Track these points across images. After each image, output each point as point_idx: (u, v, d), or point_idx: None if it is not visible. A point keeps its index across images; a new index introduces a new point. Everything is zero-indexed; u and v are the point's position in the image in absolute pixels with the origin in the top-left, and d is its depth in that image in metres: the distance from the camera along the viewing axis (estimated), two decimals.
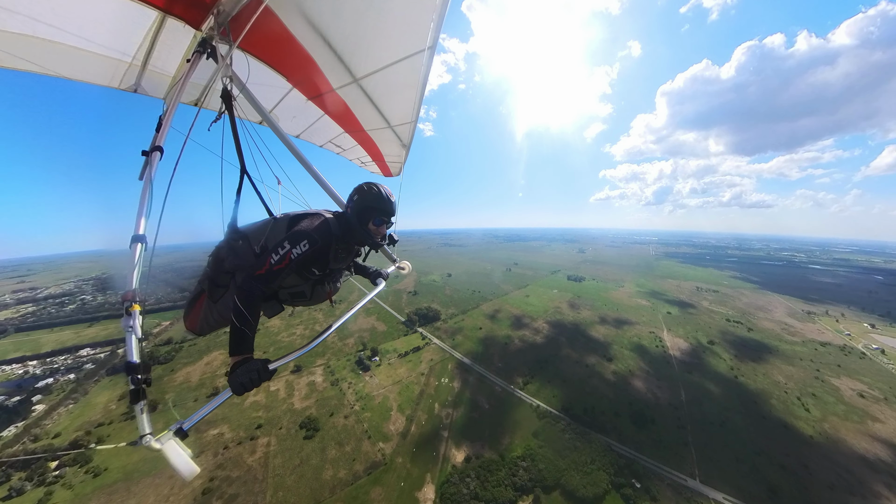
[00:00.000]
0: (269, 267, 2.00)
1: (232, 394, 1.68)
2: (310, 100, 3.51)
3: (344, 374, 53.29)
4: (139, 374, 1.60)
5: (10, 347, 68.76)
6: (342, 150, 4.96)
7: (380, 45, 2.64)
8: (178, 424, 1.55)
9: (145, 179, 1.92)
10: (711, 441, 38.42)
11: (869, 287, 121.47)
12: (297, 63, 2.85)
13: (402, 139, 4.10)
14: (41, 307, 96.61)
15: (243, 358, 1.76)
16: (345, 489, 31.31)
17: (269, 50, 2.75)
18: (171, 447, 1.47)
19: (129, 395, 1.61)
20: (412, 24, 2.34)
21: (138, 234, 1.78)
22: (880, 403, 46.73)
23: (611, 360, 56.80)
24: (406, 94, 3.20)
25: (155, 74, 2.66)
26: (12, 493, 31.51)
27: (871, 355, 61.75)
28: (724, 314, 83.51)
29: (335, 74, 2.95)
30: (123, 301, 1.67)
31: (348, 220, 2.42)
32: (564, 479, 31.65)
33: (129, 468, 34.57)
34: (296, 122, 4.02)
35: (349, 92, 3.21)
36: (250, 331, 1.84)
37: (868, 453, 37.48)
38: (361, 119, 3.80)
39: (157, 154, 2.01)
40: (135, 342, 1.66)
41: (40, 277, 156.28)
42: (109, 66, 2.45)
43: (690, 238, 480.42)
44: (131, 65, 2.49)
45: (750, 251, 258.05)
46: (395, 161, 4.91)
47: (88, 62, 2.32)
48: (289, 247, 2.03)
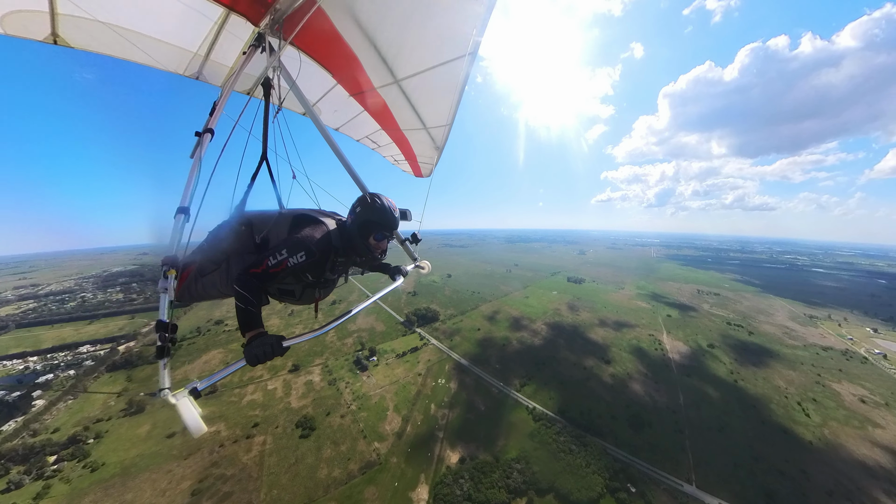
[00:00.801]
0: (266, 268, 2.06)
1: (245, 364, 1.76)
2: (352, 96, 3.70)
3: (342, 374, 53.31)
4: (167, 332, 1.76)
5: (12, 343, 69.27)
6: (377, 147, 5.10)
7: (422, 49, 2.78)
8: (193, 384, 1.64)
9: (195, 157, 2.12)
10: (709, 446, 38.10)
11: (872, 291, 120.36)
12: (342, 61, 3.04)
13: (436, 141, 4.18)
14: (42, 304, 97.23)
15: (257, 332, 1.85)
16: (339, 488, 31.29)
17: (318, 47, 2.95)
18: (184, 404, 1.57)
19: (156, 350, 1.76)
20: (454, 30, 2.48)
21: (183, 206, 1.98)
22: (881, 409, 46.24)
23: (609, 363, 56.51)
24: (444, 98, 3.32)
25: (215, 64, 2.94)
26: (11, 486, 31.83)
27: (873, 360, 61.15)
28: (724, 317, 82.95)
29: (377, 74, 3.11)
30: (162, 265, 1.87)
31: (349, 232, 2.38)
32: (559, 482, 31.41)
33: (127, 463, 34.83)
34: (336, 116, 4.20)
35: (389, 91, 3.36)
36: (255, 309, 1.94)
37: (868, 459, 37.08)
38: (398, 118, 3.91)
39: (209, 135, 2.22)
40: (167, 303, 1.82)
41: (42, 274, 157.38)
42: (178, 55, 2.74)
43: (692, 240, 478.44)
44: (196, 55, 2.78)
45: (752, 254, 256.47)
46: (426, 162, 4.96)
47: (161, 50, 2.62)
48: (286, 255, 2.08)
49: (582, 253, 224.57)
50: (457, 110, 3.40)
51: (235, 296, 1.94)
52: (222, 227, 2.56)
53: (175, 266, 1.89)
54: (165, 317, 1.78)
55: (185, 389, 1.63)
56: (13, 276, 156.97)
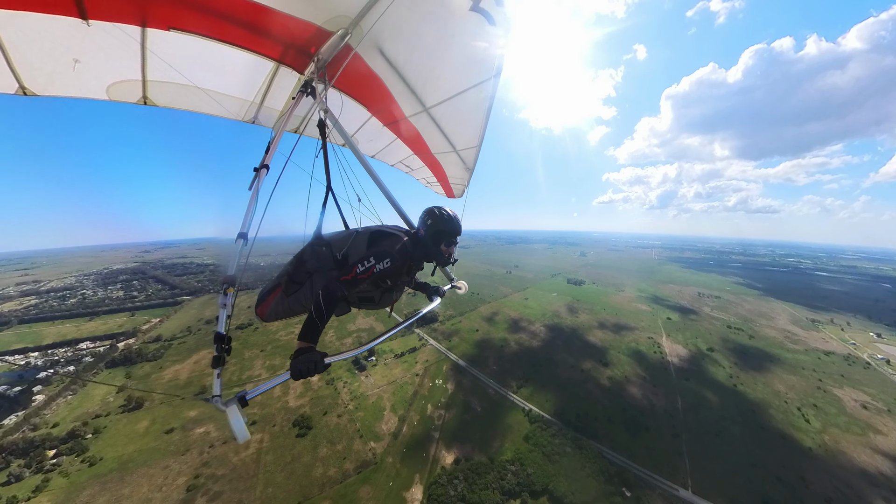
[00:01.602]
0: (355, 275, 2.32)
1: (290, 377, 1.89)
2: (385, 126, 4.04)
3: (340, 374, 53.39)
4: (224, 344, 1.91)
5: (13, 339, 69.91)
6: (411, 170, 5.47)
7: (448, 77, 3.04)
8: (241, 393, 1.74)
9: (253, 190, 2.40)
10: (706, 451, 37.80)
11: (876, 295, 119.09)
12: (376, 96, 3.40)
13: (467, 162, 4.43)
14: (43, 300, 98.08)
15: (308, 346, 2.00)
16: (334, 487, 31.41)
17: (355, 86, 3.30)
18: (233, 411, 1.69)
19: (212, 360, 1.89)
20: (476, 56, 2.67)
21: (243, 231, 2.27)
22: (883, 415, 45.72)
23: (607, 366, 56.24)
24: (471, 121, 3.59)
25: (267, 110, 3.44)
26: (11, 479, 32.32)
27: (876, 365, 60.50)
28: (725, 321, 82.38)
29: (408, 104, 3.44)
30: (223, 283, 2.08)
31: (422, 241, 2.71)
32: (553, 485, 31.28)
33: (125, 458, 35.17)
34: (372, 144, 4.58)
35: (420, 119, 3.67)
36: (322, 324, 2.11)
37: (868, 466, 36.65)
38: (430, 143, 4.20)
39: (265, 170, 2.53)
40: (225, 318, 2.00)
41: (43, 271, 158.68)
42: (238, 105, 3.27)
43: (694, 243, 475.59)
44: (252, 103, 3.28)
45: (755, 257, 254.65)
46: (458, 183, 5.25)
47: (226, 102, 3.16)
48: (374, 261, 2.36)
49: (583, 255, 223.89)
50: (485, 131, 3.60)
51: (314, 305, 2.13)
52: (304, 251, 2.87)
53: (233, 284, 2.09)
54: (223, 329, 1.95)
55: (234, 397, 1.72)
56: (15, 272, 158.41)
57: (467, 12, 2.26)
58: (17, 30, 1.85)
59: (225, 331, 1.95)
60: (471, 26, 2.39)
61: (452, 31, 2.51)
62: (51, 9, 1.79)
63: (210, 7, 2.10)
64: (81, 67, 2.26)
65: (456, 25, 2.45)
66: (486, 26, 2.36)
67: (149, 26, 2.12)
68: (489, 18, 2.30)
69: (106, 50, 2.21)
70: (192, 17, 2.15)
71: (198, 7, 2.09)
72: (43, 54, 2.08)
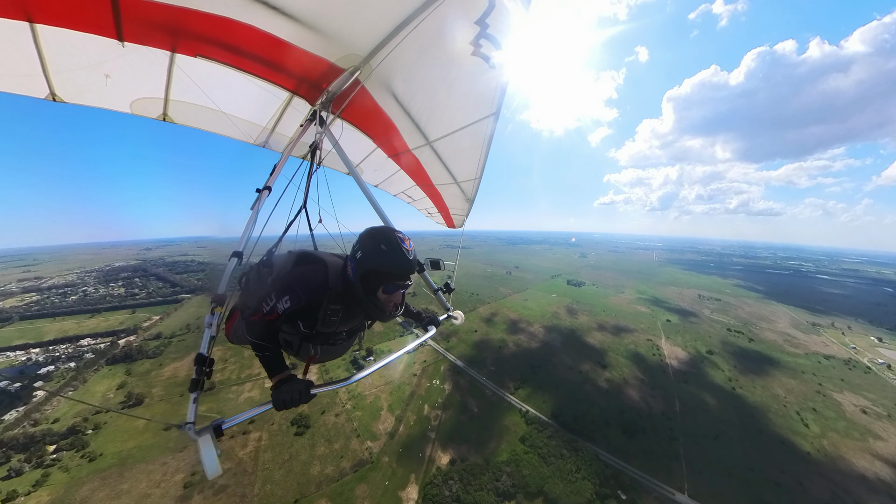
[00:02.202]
0: (262, 316, 1.83)
1: (272, 407, 1.70)
2: (389, 157, 4.19)
3: (338, 373, 53.48)
4: (205, 366, 1.77)
5: (15, 335, 70.32)
6: (412, 201, 5.63)
7: (451, 114, 3.19)
8: (218, 422, 1.58)
9: (254, 210, 2.46)
10: (703, 454, 37.67)
11: (878, 299, 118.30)
12: (382, 128, 3.55)
13: (467, 194, 4.56)
14: (45, 296, 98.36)
15: (285, 376, 1.75)
16: (331, 485, 31.62)
17: (362, 118, 3.47)
18: (205, 441, 1.53)
19: (190, 383, 1.75)
20: (478, 94, 2.83)
21: (238, 250, 2.25)
22: (883, 420, 45.45)
23: (605, 368, 56.11)
24: (472, 154, 3.70)
25: (278, 135, 3.64)
26: (11, 473, 32.69)
27: (876, 370, 60.13)
28: (725, 323, 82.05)
29: (412, 138, 3.58)
30: (212, 302, 2.00)
31: (352, 286, 1.88)
32: (548, 487, 31.26)
33: (124, 454, 35.45)
34: (376, 174, 4.79)
35: (422, 152, 3.80)
36: (273, 353, 1.86)
37: (867, 472, 36.43)
38: (431, 175, 4.32)
39: (267, 192, 2.63)
40: (209, 339, 1.90)
41: (45, 267, 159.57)
42: (251, 129, 3.46)
43: (695, 245, 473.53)
44: (265, 128, 3.48)
45: (756, 259, 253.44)
46: (458, 214, 5.36)
47: (241, 126, 3.36)
48: (275, 300, 1.82)
49: (583, 256, 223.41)
50: (485, 164, 3.75)
51: (251, 345, 1.86)
52: (250, 269, 2.61)
53: (221, 304, 2.00)
54: (206, 351, 1.82)
55: (209, 426, 1.56)
56: (17, 268, 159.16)
57: (469, 56, 2.39)
58: (58, 43, 1.96)
59: (208, 352, 1.81)
60: (472, 68, 2.53)
61: (455, 72, 2.66)
62: (92, 29, 1.91)
63: (236, 40, 2.23)
64: (111, 82, 2.40)
65: (458, 68, 2.60)
66: (485, 69, 2.49)
67: (178, 52, 2.27)
68: (489, 62, 2.43)
69: (135, 69, 2.36)
70: (219, 48, 2.29)
71: (225, 40, 2.22)
72: (78, 67, 2.21)
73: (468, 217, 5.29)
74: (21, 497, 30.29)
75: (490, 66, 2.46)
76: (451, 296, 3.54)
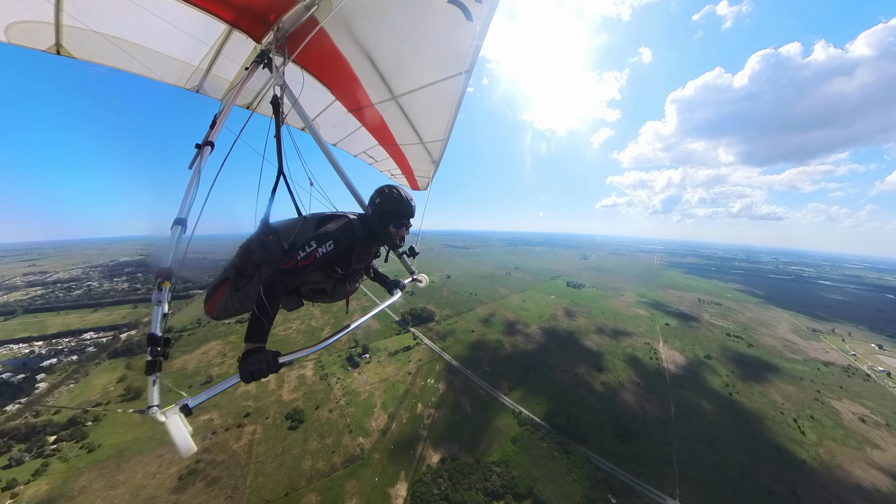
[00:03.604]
0: (295, 263, 2.08)
1: (239, 380, 1.71)
2: (350, 112, 3.75)
3: (334, 370, 53.88)
4: (159, 346, 1.71)
5: (18, 328, 71.35)
6: (374, 161, 5.17)
7: (419, 67, 2.83)
8: (184, 401, 1.58)
9: (194, 169, 2.11)
10: (697, 460, 37.42)
11: (879, 306, 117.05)
12: (341, 78, 3.11)
13: (433, 156, 4.24)
14: (49, 291, 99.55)
15: (256, 346, 1.79)
16: (321, 480, 31.83)
17: (319, 64, 3.00)
18: (174, 422, 1.52)
19: (145, 366, 1.70)
20: (451, 48, 2.53)
21: (180, 217, 1.96)
22: (881, 429, 44.94)
23: (601, 371, 55.92)
24: (440, 114, 3.38)
25: (216, 78, 3.00)
26: (12, 462, 33.25)
27: (876, 377, 59.49)
28: (724, 328, 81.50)
29: (375, 90, 3.17)
30: (156, 277, 1.83)
31: (370, 221, 2.54)
32: (537, 489, 31.21)
33: (122, 446, 35.95)
34: (335, 132, 4.29)
35: (387, 108, 3.43)
36: (268, 321, 1.89)
37: (864, 481, 36.03)
38: (396, 134, 3.97)
39: (209, 148, 2.21)
40: (160, 316, 1.80)
41: (50, 262, 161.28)
42: (179, 69, 2.80)
43: (697, 248, 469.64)
44: (197, 69, 2.83)
45: (758, 264, 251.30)
46: (423, 176, 5.04)
47: (162, 64, 2.68)
48: (315, 245, 2.13)
49: (584, 258, 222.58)
50: (453, 125, 3.45)
51: (256, 301, 1.89)
52: (250, 240, 2.62)
53: (169, 278, 1.84)
54: (158, 330, 1.75)
55: (175, 406, 1.56)
56: (23, 263, 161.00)
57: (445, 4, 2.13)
58: None
59: (161, 332, 1.75)
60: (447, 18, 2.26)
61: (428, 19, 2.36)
62: None
63: None
64: None
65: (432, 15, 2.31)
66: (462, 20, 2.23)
67: None
68: (466, 13, 2.17)
69: None
70: None
71: None
72: None
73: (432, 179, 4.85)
74: (20, 486, 30.77)
75: (468, 18, 2.20)
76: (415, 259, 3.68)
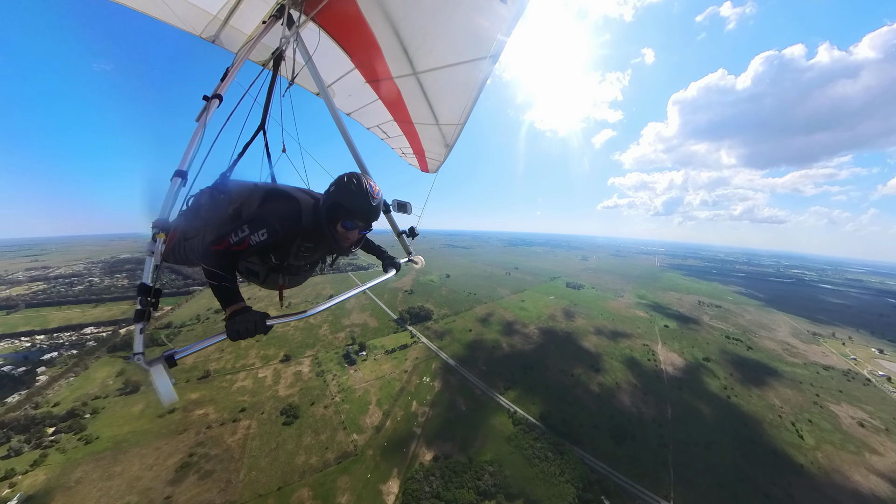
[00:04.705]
0: (227, 246, 1.88)
1: (226, 337, 1.69)
2: (367, 82, 3.62)
3: (330, 367, 54.04)
4: (149, 296, 1.71)
5: (20, 322, 71.99)
6: (387, 137, 5.02)
7: (445, 45, 2.73)
8: (170, 352, 1.58)
9: (200, 122, 2.07)
10: (693, 462, 37.13)
11: (881, 310, 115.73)
12: (363, 45, 2.98)
13: (447, 139, 4.14)
14: (51, 286, 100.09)
15: (240, 307, 1.74)
16: (314, 475, 31.90)
17: (340, 27, 2.89)
18: (158, 371, 1.52)
19: (134, 313, 1.70)
20: (480, 30, 2.44)
21: (181, 169, 1.90)
22: (881, 434, 44.50)
23: (598, 372, 55.65)
24: (460, 97, 3.27)
25: (232, 30, 2.92)
26: (11, 452, 33.63)
27: (876, 382, 58.89)
28: (724, 330, 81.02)
29: (396, 63, 3.05)
30: (153, 227, 1.83)
31: (319, 214, 2.13)
32: (529, 489, 31.03)
33: (119, 438, 36.22)
34: (350, 101, 4.12)
35: (406, 83, 3.30)
36: (230, 285, 1.82)
37: (862, 487, 35.64)
38: (412, 111, 3.86)
39: (217, 101, 2.16)
40: (152, 267, 1.79)
41: (52, 257, 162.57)
42: (197, 15, 2.73)
43: (698, 251, 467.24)
44: (215, 17, 2.77)
45: (759, 267, 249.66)
46: (434, 159, 4.89)
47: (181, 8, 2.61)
48: (248, 231, 1.90)
49: (584, 259, 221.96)
50: (471, 111, 3.32)
51: (205, 273, 1.81)
52: (203, 192, 2.43)
53: (165, 230, 1.85)
54: (149, 280, 1.74)
55: (161, 356, 1.56)
56: (25, 258, 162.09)
57: None
58: None
59: (152, 282, 1.73)
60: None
61: None
62: None
63: None
64: None
65: None
66: (496, 2, 2.15)
67: None
68: None
69: None
70: None
71: None
72: None
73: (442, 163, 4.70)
74: (18, 476, 31.04)
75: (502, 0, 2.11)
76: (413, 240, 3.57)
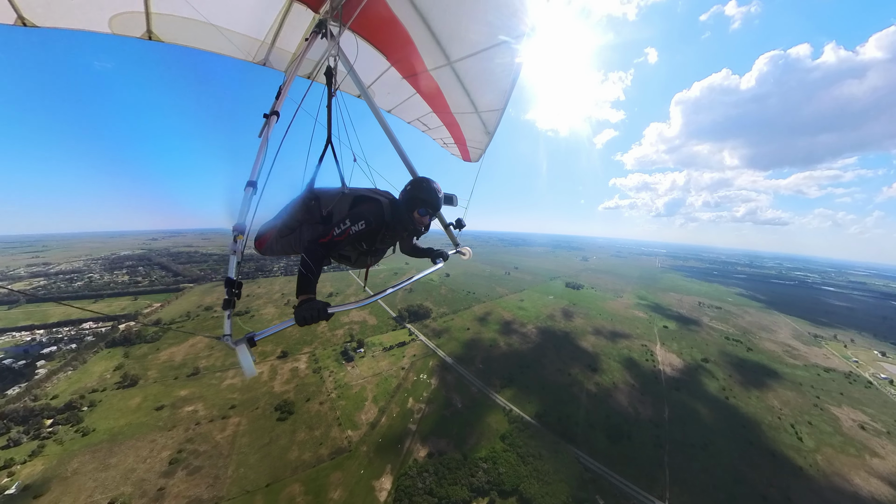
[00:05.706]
0: (332, 237, 2.46)
1: (294, 323, 2.03)
2: (405, 78, 3.75)
3: (327, 363, 53.97)
4: (234, 288, 2.07)
5: (21, 316, 72.56)
6: (428, 129, 5.14)
7: (476, 30, 2.80)
8: (250, 334, 1.87)
9: (263, 137, 2.39)
10: (689, 464, 36.76)
11: (884, 313, 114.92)
12: (397, 43, 3.14)
13: (487, 126, 4.21)
14: (52, 281, 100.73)
15: (308, 297, 2.10)
16: (306, 471, 31.86)
17: (374, 30, 3.08)
18: (242, 349, 1.84)
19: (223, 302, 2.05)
20: (510, 11, 2.47)
21: (251, 180, 2.27)
22: (882, 437, 43.99)
23: (596, 371, 55.35)
24: (497, 82, 3.33)
25: (279, 51, 3.21)
26: (10, 443, 34.08)
27: (877, 385, 58.31)
28: (724, 332, 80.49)
29: (431, 56, 3.19)
30: (233, 231, 2.17)
31: (398, 207, 2.75)
32: (523, 487, 30.79)
33: (115, 431, 36.56)
34: (389, 98, 4.27)
35: (442, 74, 3.41)
36: (313, 278, 2.24)
37: (862, 490, 35.19)
38: (450, 101, 3.95)
39: (275, 117, 2.47)
40: (235, 264, 2.12)
41: (53, 254, 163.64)
42: (248, 44, 3.05)
43: (700, 252, 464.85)
44: (263, 42, 3.07)
45: (761, 269, 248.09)
46: (475, 147, 4.98)
47: (234, 40, 2.95)
48: (349, 224, 2.47)
49: (585, 259, 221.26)
50: (510, 95, 3.36)
51: (301, 262, 2.25)
52: (296, 200, 2.96)
53: (242, 232, 2.19)
54: (233, 275, 2.10)
55: (244, 338, 1.85)
56: (26, 254, 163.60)
57: None
58: None
59: (235, 276, 2.08)
60: None
61: None
62: None
63: None
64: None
65: None
66: None
67: None
68: None
69: None
70: None
71: None
72: None
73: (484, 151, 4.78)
74: (17, 465, 31.40)
75: None
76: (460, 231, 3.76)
